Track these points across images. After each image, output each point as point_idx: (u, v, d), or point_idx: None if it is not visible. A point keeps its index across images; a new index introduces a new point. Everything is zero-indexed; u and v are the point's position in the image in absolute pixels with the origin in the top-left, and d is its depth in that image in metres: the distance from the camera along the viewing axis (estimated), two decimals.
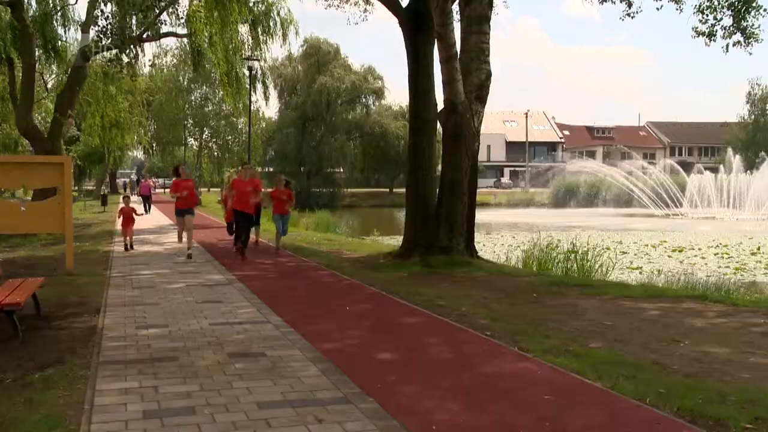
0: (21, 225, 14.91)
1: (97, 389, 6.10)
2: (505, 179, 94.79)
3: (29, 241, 21.02)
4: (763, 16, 16.03)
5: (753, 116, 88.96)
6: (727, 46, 16.41)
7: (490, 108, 16.89)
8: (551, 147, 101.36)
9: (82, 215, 36.80)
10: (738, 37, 16.16)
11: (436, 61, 15.68)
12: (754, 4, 15.74)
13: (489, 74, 15.49)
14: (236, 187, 17.01)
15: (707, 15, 16.34)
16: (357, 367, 6.86)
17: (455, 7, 15.75)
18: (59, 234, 17.03)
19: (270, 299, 10.83)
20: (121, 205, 19.32)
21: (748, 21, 15.93)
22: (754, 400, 5.85)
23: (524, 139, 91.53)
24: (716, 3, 16.11)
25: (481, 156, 16.19)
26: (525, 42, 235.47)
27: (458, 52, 15.00)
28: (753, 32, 16.02)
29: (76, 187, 57.90)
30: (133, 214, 18.83)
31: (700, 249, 23.96)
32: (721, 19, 16.24)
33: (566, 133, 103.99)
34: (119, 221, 19.01)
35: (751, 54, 17.08)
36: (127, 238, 18.58)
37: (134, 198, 44.30)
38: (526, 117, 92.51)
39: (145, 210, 35.73)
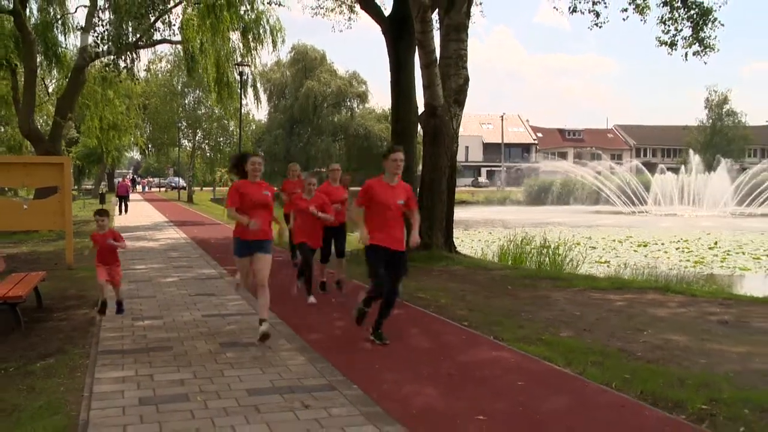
0: (23, 222, 14.89)
1: (95, 377, 6.09)
2: (483, 178, 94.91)
3: (31, 238, 20.89)
4: (719, 28, 16.27)
5: (711, 120, 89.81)
6: (686, 55, 16.61)
7: (468, 111, 16.90)
8: (525, 148, 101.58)
9: (82, 213, 36.53)
10: (696, 47, 16.37)
11: (417, 67, 15.71)
12: (710, 17, 15.97)
13: (467, 79, 15.52)
14: (378, 199, 7.45)
15: (669, 26, 16.55)
16: (342, 356, 6.86)
17: (435, 16, 15.77)
18: (60, 230, 16.95)
19: None
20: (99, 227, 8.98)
21: (705, 32, 16.15)
22: (710, 383, 5.93)
23: (500, 141, 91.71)
24: (677, 15, 16.33)
25: (460, 156, 16.21)
26: (500, 49, 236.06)
27: (438, 59, 15.02)
28: (710, 43, 16.23)
29: (76, 186, 57.59)
30: (116, 245, 8.82)
31: (662, 244, 24.11)
32: (682, 29, 16.47)
33: (539, 135, 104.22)
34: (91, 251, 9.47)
35: (706, 63, 17.37)
36: (104, 291, 8.52)
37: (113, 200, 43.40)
38: (502, 120, 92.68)
39: (121, 210, 35.32)
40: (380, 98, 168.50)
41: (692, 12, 16.18)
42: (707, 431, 4.90)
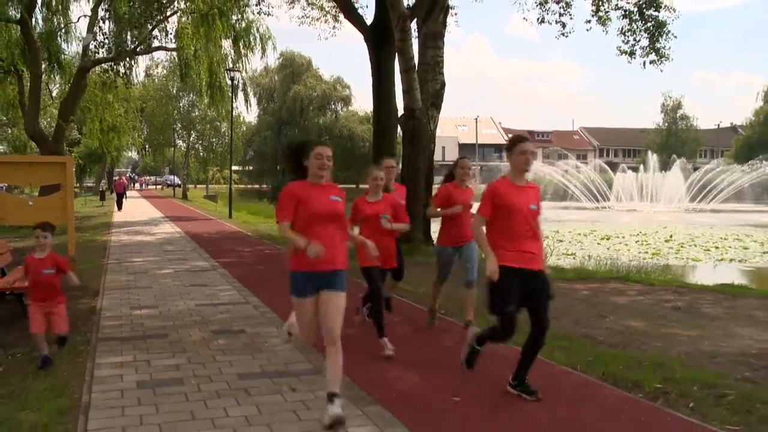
0: (29, 217, 14.84)
1: (96, 362, 6.07)
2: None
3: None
4: (672, 39, 16.49)
5: (666, 123, 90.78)
6: (644, 63, 16.81)
7: (444, 113, 16.90)
8: (498, 148, 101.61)
9: (83, 209, 36.34)
10: (653, 56, 16.56)
11: (397, 73, 15.69)
12: (665, 29, 16.21)
13: (443, 84, 15.53)
14: (507, 204, 5.16)
15: (628, 37, 16.73)
16: None
17: (413, 25, 15.77)
18: (62, 225, 16.82)
19: (249, 283, 10.78)
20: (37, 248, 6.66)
21: (660, 43, 16.37)
22: (664, 364, 6.00)
23: (474, 141, 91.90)
24: (635, 27, 16.52)
25: (437, 156, 16.22)
26: (474, 56, 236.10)
27: (416, 65, 15.02)
28: (664, 53, 16.44)
29: (78, 184, 57.11)
30: (70, 273, 6.61)
31: (623, 237, 24.23)
32: (639, 40, 16.66)
33: (510, 136, 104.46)
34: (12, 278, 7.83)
35: (662, 71, 17.50)
36: (42, 347, 6.11)
37: (112, 196, 42.92)
38: (476, 122, 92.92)
39: (118, 207, 35.06)
40: (363, 101, 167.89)
41: (649, 24, 16.39)
42: (661, 408, 4.96)
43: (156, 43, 27.68)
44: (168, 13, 25.78)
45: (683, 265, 17.50)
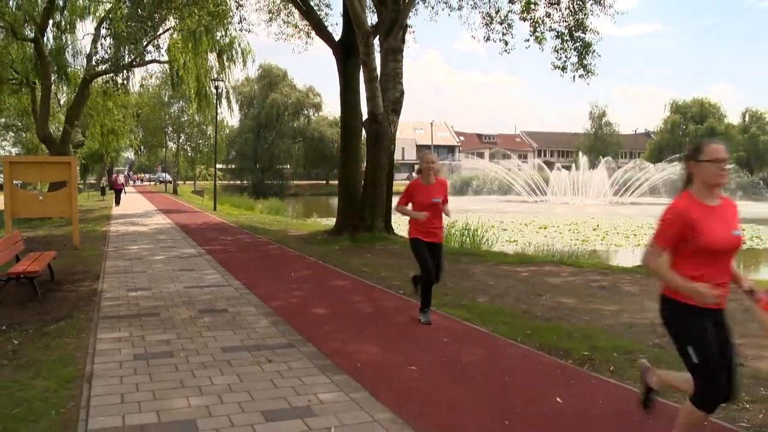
0: (39, 210, 14.98)
1: (98, 337, 6.00)
2: (416, 174, 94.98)
3: (45, 224, 20.36)
4: (597, 58, 16.80)
5: (594, 129, 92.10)
6: (574, 77, 17.04)
7: (403, 118, 16.93)
8: (450, 149, 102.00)
9: (86, 203, 35.80)
10: (581, 71, 16.79)
11: (362, 82, 15.66)
12: (591, 49, 16.52)
13: (402, 92, 15.55)
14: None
15: (560, 54, 16.91)
16: (299, 319, 6.84)
17: (376, 41, 15.76)
18: (68, 217, 16.58)
19: (231, 267, 10.69)
20: None
21: (587, 60, 16.61)
22: (591, 335, 6.10)
23: (430, 143, 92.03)
24: (566, 46, 16.74)
25: (397, 156, 16.27)
26: (430, 68, 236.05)
27: (378, 75, 15.02)
28: (591, 69, 16.71)
29: (81, 181, 56.16)
30: None
31: (558, 226, 24.55)
32: (570, 57, 16.83)
33: (462, 138, 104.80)
34: None
35: (589, 84, 17.84)
36: None
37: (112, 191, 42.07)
38: (431, 126, 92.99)
39: (116, 202, 34.40)
40: (332, 107, 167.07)
41: (577, 44, 16.63)
42: (587, 372, 5.05)
43: (150, 57, 27.47)
44: (160, 31, 25.52)
45: (607, 250, 17.82)
